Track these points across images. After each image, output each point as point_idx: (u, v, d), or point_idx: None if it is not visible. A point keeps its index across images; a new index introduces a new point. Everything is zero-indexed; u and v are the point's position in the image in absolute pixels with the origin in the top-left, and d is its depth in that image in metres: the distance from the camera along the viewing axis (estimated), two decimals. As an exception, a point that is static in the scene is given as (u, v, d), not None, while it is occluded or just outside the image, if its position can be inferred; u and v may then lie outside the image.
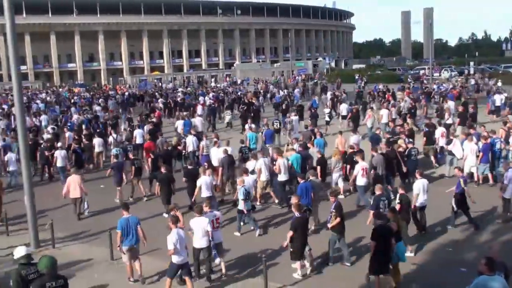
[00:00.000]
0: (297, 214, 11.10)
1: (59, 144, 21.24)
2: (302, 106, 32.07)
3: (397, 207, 12.11)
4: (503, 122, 21.58)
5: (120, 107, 39.30)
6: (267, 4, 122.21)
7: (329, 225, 11.79)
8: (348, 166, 17.00)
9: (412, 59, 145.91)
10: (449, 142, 18.80)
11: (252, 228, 14.10)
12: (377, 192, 12.57)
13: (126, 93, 49.80)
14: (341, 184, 16.94)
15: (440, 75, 62.87)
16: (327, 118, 28.52)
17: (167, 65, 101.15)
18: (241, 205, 13.83)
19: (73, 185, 15.52)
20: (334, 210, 11.62)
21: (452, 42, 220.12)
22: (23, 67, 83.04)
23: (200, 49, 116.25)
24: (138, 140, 22.88)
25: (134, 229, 11.06)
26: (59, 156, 19.99)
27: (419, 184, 13.31)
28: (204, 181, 14.64)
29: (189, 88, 58.31)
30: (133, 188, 17.61)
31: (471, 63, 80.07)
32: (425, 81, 52.93)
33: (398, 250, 10.24)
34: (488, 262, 7.45)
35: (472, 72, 66.23)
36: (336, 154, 17.13)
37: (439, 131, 20.62)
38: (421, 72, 67.96)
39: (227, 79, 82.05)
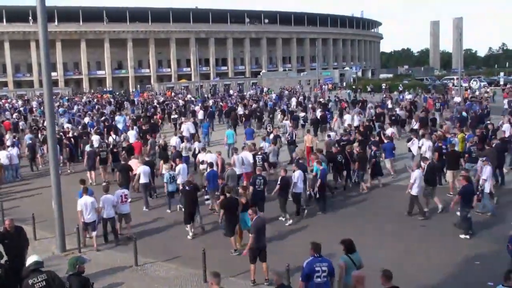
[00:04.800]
0: (186, 188, 14.56)
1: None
2: (284, 110, 36.93)
3: (277, 187, 15.42)
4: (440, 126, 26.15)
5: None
6: (295, 13, 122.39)
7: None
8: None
9: (441, 69, 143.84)
10: (409, 140, 22.15)
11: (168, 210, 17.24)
12: (257, 173, 15.67)
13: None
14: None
15: (469, 86, 61.99)
16: (302, 122, 31.77)
17: (194, 73, 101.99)
18: (166, 187, 16.96)
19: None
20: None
21: (482, 53, 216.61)
22: (53, 74, 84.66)
23: (227, 58, 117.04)
24: (131, 140, 25.39)
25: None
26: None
27: (297, 174, 15.88)
28: (142, 169, 17.74)
29: (189, 96, 65.60)
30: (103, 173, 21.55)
31: (501, 74, 78.77)
32: (453, 92, 52.26)
33: (245, 217, 12.76)
34: (313, 246, 8.74)
35: (502, 82, 65.20)
36: (299, 153, 19.48)
37: (389, 131, 24.16)
38: (450, 82, 67.22)
39: (255, 87, 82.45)
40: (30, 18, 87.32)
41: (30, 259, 8.41)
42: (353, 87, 70.59)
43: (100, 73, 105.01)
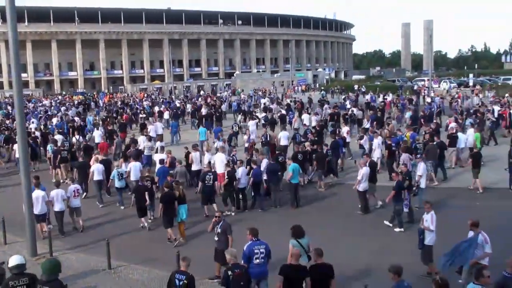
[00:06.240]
0: (140, 183, 15.98)
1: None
2: (245, 111, 39.37)
3: (226, 181, 16.72)
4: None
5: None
6: (268, 15, 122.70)
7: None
8: None
9: (412, 71, 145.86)
10: (361, 138, 23.21)
11: (117, 204, 18.18)
12: (206, 170, 16.92)
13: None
14: None
15: (439, 87, 63.11)
16: (262, 121, 32.12)
17: (168, 74, 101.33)
18: (116, 183, 17.94)
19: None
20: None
21: (452, 54, 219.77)
22: (24, 75, 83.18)
23: (201, 59, 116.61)
24: (97, 140, 26.53)
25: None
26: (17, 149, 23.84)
27: (240, 170, 17.06)
28: (96, 167, 18.57)
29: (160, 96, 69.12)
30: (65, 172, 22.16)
31: (470, 75, 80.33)
32: (423, 93, 53.09)
33: (180, 210, 14.24)
34: (251, 231, 9.60)
35: (471, 84, 66.48)
36: (261, 153, 20.32)
37: (345, 130, 25.24)
38: (421, 83, 68.29)
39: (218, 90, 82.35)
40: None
41: (12, 261, 7.99)
42: (322, 88, 72.24)
43: (71, 74, 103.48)
